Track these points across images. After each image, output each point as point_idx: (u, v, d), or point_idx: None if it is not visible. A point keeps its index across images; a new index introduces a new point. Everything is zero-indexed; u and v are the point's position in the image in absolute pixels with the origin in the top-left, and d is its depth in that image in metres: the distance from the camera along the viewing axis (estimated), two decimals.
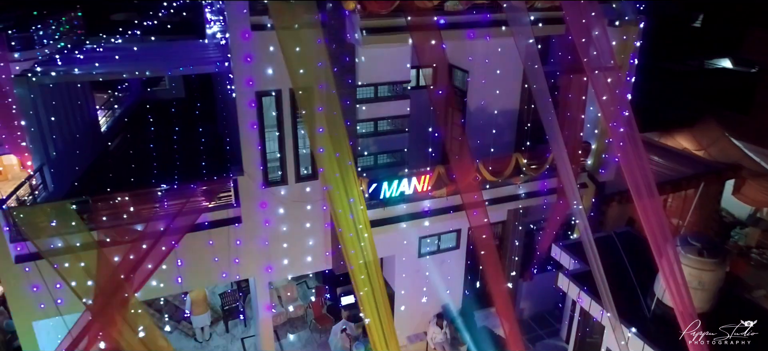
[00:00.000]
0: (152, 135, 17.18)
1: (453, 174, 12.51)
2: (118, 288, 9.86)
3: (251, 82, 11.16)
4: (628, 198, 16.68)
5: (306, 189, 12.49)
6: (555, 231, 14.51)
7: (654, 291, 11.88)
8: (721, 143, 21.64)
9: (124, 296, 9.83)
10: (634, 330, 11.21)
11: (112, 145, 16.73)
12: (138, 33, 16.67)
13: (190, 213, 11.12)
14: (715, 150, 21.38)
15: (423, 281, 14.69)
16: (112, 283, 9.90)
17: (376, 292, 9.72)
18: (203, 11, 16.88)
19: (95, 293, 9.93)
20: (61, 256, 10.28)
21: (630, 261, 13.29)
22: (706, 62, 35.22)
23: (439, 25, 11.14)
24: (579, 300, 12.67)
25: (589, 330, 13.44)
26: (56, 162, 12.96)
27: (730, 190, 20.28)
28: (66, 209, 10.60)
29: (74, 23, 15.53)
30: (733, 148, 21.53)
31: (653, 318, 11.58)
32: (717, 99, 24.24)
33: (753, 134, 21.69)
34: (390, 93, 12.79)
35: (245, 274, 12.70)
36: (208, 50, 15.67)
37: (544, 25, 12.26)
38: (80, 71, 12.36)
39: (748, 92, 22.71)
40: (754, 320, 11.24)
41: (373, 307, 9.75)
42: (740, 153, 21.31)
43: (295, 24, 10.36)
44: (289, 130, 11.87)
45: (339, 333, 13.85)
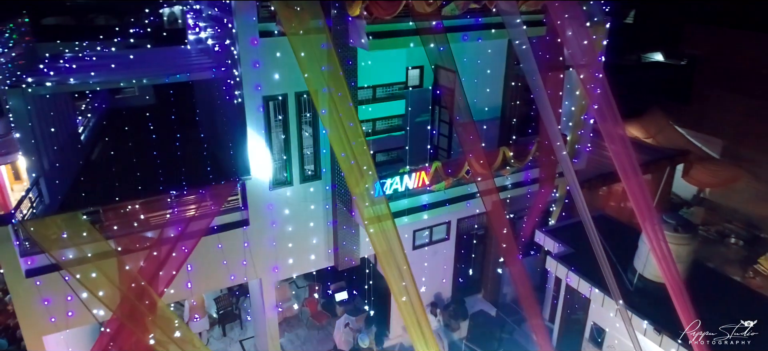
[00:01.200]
0: (132, 144, 16.92)
1: (449, 169, 13.32)
2: (143, 293, 9.94)
3: (259, 87, 11.45)
4: (596, 185, 18.21)
5: (310, 189, 12.87)
6: (537, 218, 15.58)
7: (635, 267, 13.13)
8: (666, 131, 23.63)
9: (151, 300, 9.93)
10: (621, 302, 12.37)
11: (93, 155, 16.36)
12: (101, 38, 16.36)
13: (204, 217, 11.28)
14: (662, 138, 23.27)
15: (419, 273, 15.33)
16: (137, 289, 9.96)
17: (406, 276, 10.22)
18: (185, 17, 16.82)
19: (121, 300, 9.95)
20: (80, 267, 10.20)
21: (608, 241, 14.52)
22: (642, 56, 37.93)
23: (437, 28, 11.84)
24: (567, 279, 13.75)
25: (578, 306, 14.51)
26: (49, 174, 12.70)
27: (680, 173, 22.15)
28: (78, 220, 10.52)
29: (22, 30, 14.75)
30: (677, 136, 23.59)
31: (636, 291, 12.79)
32: (658, 91, 26.29)
33: (693, 122, 23.86)
34: (386, 94, 13.38)
35: (253, 276, 12.92)
36: (191, 56, 15.71)
37: (527, 27, 13.20)
38: (76, 81, 12.19)
39: (687, 83, 24.82)
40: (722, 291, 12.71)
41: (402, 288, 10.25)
42: (684, 140, 23.39)
43: (300, 30, 10.72)
44: (294, 133, 12.23)
45: (343, 327, 14.32)
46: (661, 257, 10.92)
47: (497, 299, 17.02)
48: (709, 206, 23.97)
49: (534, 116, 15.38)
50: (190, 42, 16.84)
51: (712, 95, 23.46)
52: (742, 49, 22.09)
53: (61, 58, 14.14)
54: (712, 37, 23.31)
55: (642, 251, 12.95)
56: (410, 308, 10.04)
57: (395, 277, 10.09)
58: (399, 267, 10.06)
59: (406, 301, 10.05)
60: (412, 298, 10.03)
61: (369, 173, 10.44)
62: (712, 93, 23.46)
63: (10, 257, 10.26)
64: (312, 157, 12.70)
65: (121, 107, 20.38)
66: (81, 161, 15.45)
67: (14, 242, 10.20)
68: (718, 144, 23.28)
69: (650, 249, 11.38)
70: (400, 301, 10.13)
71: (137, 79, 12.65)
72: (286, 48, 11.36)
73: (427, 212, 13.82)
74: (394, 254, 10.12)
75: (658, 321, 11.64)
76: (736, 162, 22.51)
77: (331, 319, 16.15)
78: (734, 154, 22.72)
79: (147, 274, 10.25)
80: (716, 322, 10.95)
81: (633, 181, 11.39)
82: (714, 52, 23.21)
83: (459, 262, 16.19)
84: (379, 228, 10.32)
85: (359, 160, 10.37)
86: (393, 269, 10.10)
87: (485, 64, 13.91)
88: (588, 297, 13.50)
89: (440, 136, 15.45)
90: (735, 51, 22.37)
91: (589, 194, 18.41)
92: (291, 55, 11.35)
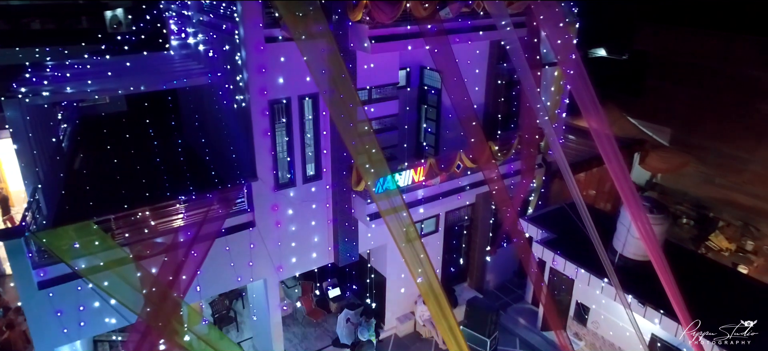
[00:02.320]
0: (113, 152, 16.65)
1: (442, 164, 14.05)
2: (165, 295, 10.10)
3: (266, 92, 11.76)
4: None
5: (311, 189, 13.26)
6: (519, 207, 16.55)
7: (614, 247, 14.28)
8: (620, 122, 25.36)
9: (174, 302, 10.10)
10: (606, 280, 13.46)
11: (75, 165, 16.03)
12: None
13: (216, 220, 11.48)
14: (616, 128, 24.90)
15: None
16: (159, 292, 10.11)
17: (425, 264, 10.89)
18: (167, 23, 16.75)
19: (146, 303, 10.07)
20: (99, 275, 10.23)
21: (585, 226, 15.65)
22: (589, 52, 40.16)
23: (432, 31, 12.52)
24: (554, 263, 14.74)
25: (564, 288, 15.55)
26: (45, 185, 12.49)
27: (637, 161, 23.83)
28: (90, 228, 10.51)
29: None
30: (630, 126, 25.38)
31: (617, 269, 13.88)
32: (610, 85, 28.03)
33: (645, 113, 25.68)
34: (379, 95, 13.91)
35: (259, 276, 13.17)
36: (175, 62, 15.69)
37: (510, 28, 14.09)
38: (72, 89, 12.08)
39: (638, 78, 26.63)
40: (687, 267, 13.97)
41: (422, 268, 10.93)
42: (637, 130, 25.19)
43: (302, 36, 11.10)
44: (297, 135, 12.59)
45: (344, 322, 14.78)
46: (644, 234, 11.99)
47: (482, 286, 17.89)
48: (661, 190, 25.84)
49: (515, 112, 16.35)
50: (173, 47, 16.77)
51: (660, 88, 25.32)
52: (686, 45, 23.99)
53: (46, 68, 13.87)
54: (659, 34, 25.14)
55: (621, 232, 14.11)
56: (428, 286, 10.68)
57: (413, 261, 10.74)
58: (416, 251, 10.71)
59: (423, 282, 10.68)
60: (430, 277, 10.69)
61: (381, 166, 11.00)
62: (660, 86, 25.31)
63: (23, 269, 10.14)
64: (313, 157, 13.08)
65: (90, 115, 19.90)
66: (66, 171, 15.14)
67: (27, 254, 10.11)
68: (668, 133, 25.16)
69: (634, 225, 12.44)
70: (417, 282, 10.78)
71: (135, 87, 12.61)
72: (290, 53, 11.79)
73: (420, 207, 14.50)
74: (410, 239, 10.76)
75: (641, 294, 12.78)
76: (685, 149, 24.41)
77: (326, 316, 16.55)
78: (682, 141, 24.63)
79: (166, 278, 10.40)
80: (692, 293, 12.06)
81: (615, 164, 12.46)
82: (661, 48, 25.05)
83: (447, 253, 16.95)
84: (396, 217, 10.91)
85: (371, 155, 10.90)
86: (410, 253, 10.73)
87: (474, 64, 14.69)
88: (573, 278, 14.56)
89: (427, 133, 16.16)
90: (680, 47, 24.25)
91: (559, 184, 19.70)
92: (294, 60, 11.84)
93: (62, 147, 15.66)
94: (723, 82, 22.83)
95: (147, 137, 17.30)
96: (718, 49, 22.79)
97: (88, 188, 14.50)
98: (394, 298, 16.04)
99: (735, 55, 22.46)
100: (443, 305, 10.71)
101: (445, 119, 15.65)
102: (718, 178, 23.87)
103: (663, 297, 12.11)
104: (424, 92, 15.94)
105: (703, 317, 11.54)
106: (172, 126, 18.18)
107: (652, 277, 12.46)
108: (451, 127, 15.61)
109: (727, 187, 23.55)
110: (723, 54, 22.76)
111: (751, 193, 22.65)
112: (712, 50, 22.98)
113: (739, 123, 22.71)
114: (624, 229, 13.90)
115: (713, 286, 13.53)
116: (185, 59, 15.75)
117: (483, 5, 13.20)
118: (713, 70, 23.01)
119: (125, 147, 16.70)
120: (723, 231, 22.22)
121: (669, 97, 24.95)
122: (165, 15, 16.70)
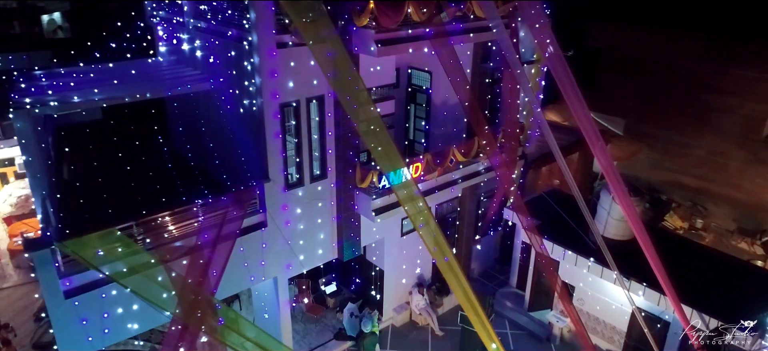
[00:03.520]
0: (99, 162, 16.46)
1: (437, 159, 14.89)
2: (196, 293, 10.42)
3: (277, 95, 12.19)
4: (541, 163, 20.74)
5: (318, 188, 13.76)
6: (502, 197, 17.66)
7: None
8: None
9: (206, 298, 10.44)
10: (591, 260, 14.72)
11: (66, 175, 15.75)
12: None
13: (234, 220, 11.84)
14: (574, 121, 26.63)
15: (404, 257, 16.75)
16: (190, 290, 10.41)
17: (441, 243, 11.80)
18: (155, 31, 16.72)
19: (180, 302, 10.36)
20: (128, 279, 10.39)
21: (563, 209, 16.91)
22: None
23: (428, 34, 13.31)
24: (542, 247, 15.88)
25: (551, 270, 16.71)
26: (52, 196, 12.41)
27: None
28: (114, 235, 10.65)
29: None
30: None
31: (600, 249, 15.19)
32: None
33: (599, 105, 27.53)
34: (378, 96, 14.58)
35: (270, 275, 13.55)
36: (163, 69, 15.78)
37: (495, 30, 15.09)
38: (80, 98, 12.07)
39: (592, 72, 28.50)
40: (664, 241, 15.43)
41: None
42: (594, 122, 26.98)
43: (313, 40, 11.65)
44: (305, 136, 13.07)
45: (349, 316, 15.38)
46: (629, 212, 13.28)
47: (468, 274, 18.85)
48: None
49: (498, 107, 17.40)
50: (162, 54, 16.77)
51: (614, 82, 27.24)
52: (636, 42, 25.99)
53: (43, 77, 13.68)
54: (611, 32, 27.05)
55: (601, 215, 15.43)
56: (447, 267, 11.53)
57: (431, 243, 11.57)
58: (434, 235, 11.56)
59: (447, 262, 11.54)
60: (447, 254, 11.57)
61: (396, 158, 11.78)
62: (614, 80, 27.24)
63: (50, 280, 10.19)
64: (319, 157, 13.58)
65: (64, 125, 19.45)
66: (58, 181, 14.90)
67: (54, 264, 10.15)
68: (621, 123, 27.13)
69: (620, 205, 13.71)
70: (442, 262, 11.61)
71: (141, 94, 12.71)
72: (299, 58, 12.28)
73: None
74: (429, 225, 11.58)
75: (624, 270, 14.07)
76: (637, 137, 26.43)
77: (325, 311, 17.04)
78: (634, 130, 26.64)
79: (196, 277, 10.71)
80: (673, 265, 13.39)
81: (597, 148, 13.72)
82: (614, 44, 26.98)
83: None
84: (413, 206, 11.68)
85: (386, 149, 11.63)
86: (429, 237, 11.55)
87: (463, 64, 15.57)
88: (559, 260, 15.76)
89: (416, 131, 16.97)
90: (630, 43, 26.24)
91: (533, 174, 21.06)
92: (302, 64, 12.35)
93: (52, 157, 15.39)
94: (670, 75, 24.93)
95: (135, 146, 17.24)
96: (665, 45, 24.85)
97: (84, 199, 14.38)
98: (391, 290, 16.75)
99: (680, 51, 24.58)
100: (460, 277, 11.60)
101: (440, 116, 16.55)
102: (667, 163, 26.01)
103: (644, 272, 13.46)
104: (410, 92, 16.72)
105: (682, 287, 12.94)
106: (155, 133, 18.12)
107: (631, 255, 13.82)
108: (442, 123, 16.54)
109: (675, 170, 25.72)
110: (669, 49, 24.85)
111: (698, 175, 24.87)
112: (659, 46, 25.02)
113: (684, 112, 24.88)
114: (604, 212, 15.23)
115: (687, 260, 15.03)
116: (175, 65, 15.84)
117: (473, 8, 14.10)
118: (661, 65, 25.07)
119: (114, 156, 16.58)
120: (676, 211, 24.28)
121: (622, 90, 26.90)
122: (152, 21, 16.64)
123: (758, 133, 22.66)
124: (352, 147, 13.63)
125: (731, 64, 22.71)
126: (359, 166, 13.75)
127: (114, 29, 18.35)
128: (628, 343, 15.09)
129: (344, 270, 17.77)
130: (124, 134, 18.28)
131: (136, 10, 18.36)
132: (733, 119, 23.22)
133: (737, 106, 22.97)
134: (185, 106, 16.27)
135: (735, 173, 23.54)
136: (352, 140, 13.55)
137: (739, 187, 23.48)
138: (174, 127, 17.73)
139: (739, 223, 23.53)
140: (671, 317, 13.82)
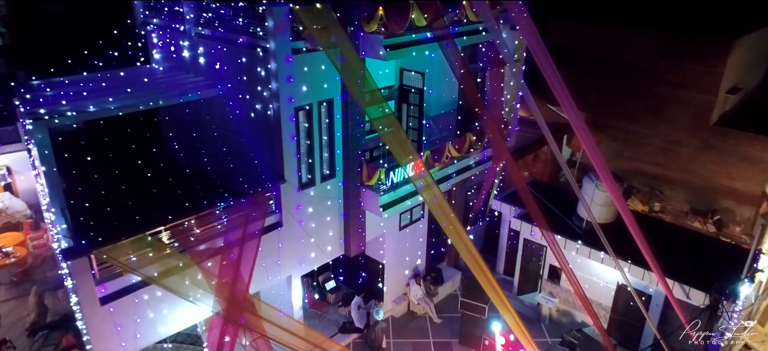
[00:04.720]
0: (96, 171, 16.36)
1: (435, 155, 15.77)
2: (232, 289, 10.85)
3: (292, 99, 12.70)
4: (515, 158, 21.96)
5: (327, 187, 14.34)
6: (490, 189, 18.74)
7: (579, 215, 16.87)
8: (542, 110, 28.66)
9: (243, 293, 10.90)
10: (580, 242, 15.97)
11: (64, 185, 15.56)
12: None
13: (256, 219, 12.30)
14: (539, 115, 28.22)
15: (403, 250, 17.52)
16: (226, 287, 10.83)
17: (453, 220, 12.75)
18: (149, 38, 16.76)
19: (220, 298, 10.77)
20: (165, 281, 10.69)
21: (547, 197, 18.14)
22: None
23: (428, 39, 14.16)
24: (532, 234, 17.05)
25: (538, 256, 17.91)
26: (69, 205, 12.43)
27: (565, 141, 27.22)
28: (146, 240, 10.91)
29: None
30: (551, 113, 28.79)
31: (584, 233, 16.48)
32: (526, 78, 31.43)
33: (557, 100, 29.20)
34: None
35: (285, 274, 14.02)
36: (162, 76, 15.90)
37: (484, 33, 16.08)
38: (95, 107, 12.17)
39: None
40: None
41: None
42: (557, 115, 28.65)
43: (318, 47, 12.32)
44: (317, 138, 13.62)
45: (356, 309, 16.02)
46: (615, 196, 14.59)
47: (458, 264, 19.86)
48: (580, 166, 29.61)
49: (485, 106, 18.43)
50: (157, 61, 16.82)
51: (574, 78, 28.87)
52: (594, 40, 27.78)
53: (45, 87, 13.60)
54: (570, 31, 28.75)
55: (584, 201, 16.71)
56: (464, 248, 12.42)
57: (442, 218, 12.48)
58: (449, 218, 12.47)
59: (462, 245, 12.43)
60: (465, 240, 12.46)
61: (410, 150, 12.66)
62: (574, 76, 28.88)
63: (87, 287, 10.35)
64: (328, 157, 14.16)
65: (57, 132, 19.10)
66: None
67: (90, 271, 10.32)
68: (583, 117, 28.84)
69: (607, 189, 14.98)
70: (459, 243, 12.57)
71: (154, 101, 12.91)
72: (312, 63, 12.85)
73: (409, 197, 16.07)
74: (444, 209, 12.46)
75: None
76: (598, 129, 28.22)
77: (328, 307, 17.59)
78: (596, 123, 28.42)
79: (229, 275, 11.14)
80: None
81: (584, 136, 14.95)
82: (573, 42, 28.68)
83: (430, 236, 18.70)
84: (430, 194, 12.54)
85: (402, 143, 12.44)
86: (443, 220, 12.45)
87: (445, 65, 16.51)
88: (545, 246, 16.95)
89: (411, 129, 17.77)
90: (588, 41, 28.01)
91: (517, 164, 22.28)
92: (315, 69, 12.95)
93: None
94: (626, 71, 26.81)
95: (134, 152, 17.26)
96: (622, 43, 26.73)
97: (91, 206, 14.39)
98: (390, 282, 17.48)
99: (634, 47, 26.50)
100: (470, 246, 12.60)
101: (433, 114, 17.42)
102: (626, 152, 27.93)
103: (626, 250, 14.76)
104: (403, 92, 17.53)
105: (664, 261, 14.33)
106: (149, 139, 18.14)
107: (614, 236, 15.10)
108: (432, 121, 17.42)
109: (634, 159, 27.65)
110: (624, 46, 26.74)
111: (655, 162, 26.87)
112: (616, 44, 26.87)
113: (640, 104, 26.83)
114: (588, 198, 16.51)
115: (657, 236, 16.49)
116: (172, 72, 15.97)
117: (465, 12, 15.03)
118: (618, 61, 26.93)
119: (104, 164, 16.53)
120: (637, 196, 26.18)
121: (582, 85, 28.59)
122: (148, 29, 16.67)
123: (707, 122, 24.80)
124: (358, 146, 14.29)
125: (682, 60, 24.72)
126: (366, 164, 14.42)
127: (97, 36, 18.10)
128: (613, 317, 16.45)
129: (349, 266, 18.34)
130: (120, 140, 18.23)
131: (123, 18, 18.29)
132: (685, 110, 25.26)
133: (688, 98, 25.03)
134: (180, 113, 16.40)
135: (688, 159, 25.62)
136: (359, 140, 14.23)
137: (692, 172, 25.58)
138: (167, 133, 17.79)
139: (693, 204, 25.66)
140: (653, 291, 15.23)
